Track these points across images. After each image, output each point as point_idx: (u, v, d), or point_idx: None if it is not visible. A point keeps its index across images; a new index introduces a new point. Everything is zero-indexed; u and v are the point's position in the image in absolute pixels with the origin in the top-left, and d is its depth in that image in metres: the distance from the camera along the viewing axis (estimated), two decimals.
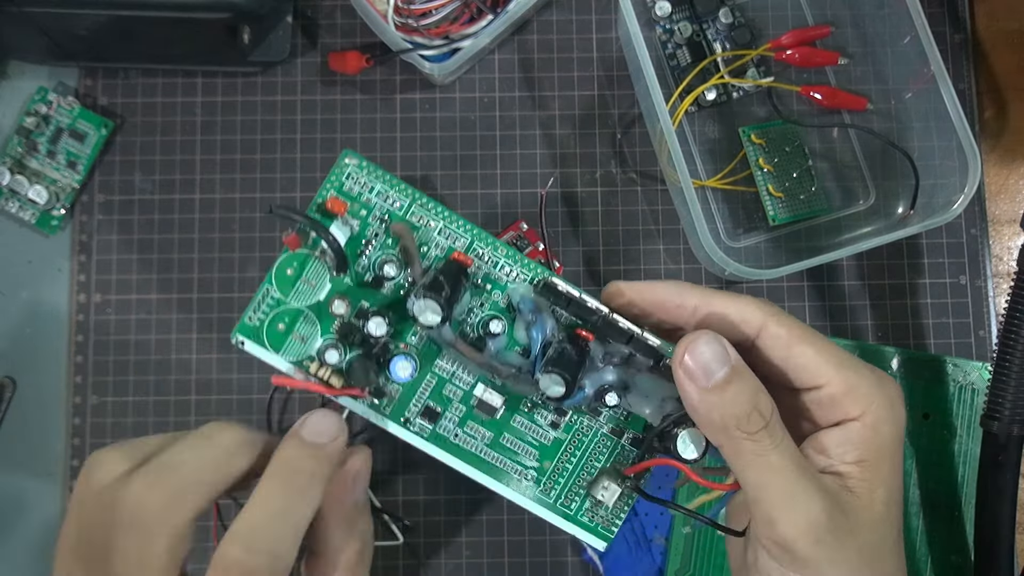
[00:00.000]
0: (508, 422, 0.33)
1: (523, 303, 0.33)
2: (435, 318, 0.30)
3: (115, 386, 0.49)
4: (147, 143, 0.51)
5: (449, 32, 0.49)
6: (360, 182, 0.33)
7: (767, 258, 0.51)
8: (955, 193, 0.45)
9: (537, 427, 0.33)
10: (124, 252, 0.50)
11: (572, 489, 0.34)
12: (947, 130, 0.46)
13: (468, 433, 0.33)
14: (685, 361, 0.29)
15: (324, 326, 0.33)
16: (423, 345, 0.33)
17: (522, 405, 0.33)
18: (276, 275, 0.33)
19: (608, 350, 0.33)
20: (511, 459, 0.33)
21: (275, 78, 0.51)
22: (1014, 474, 0.45)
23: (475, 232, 0.33)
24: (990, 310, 0.51)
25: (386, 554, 0.49)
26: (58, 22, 0.46)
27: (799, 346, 0.30)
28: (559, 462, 0.33)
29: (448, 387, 0.33)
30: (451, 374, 0.33)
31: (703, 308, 0.31)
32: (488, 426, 0.33)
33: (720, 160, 0.51)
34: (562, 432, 0.34)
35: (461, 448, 0.33)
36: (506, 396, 0.33)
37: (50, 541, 0.48)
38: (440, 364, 0.33)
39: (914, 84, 0.48)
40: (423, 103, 0.51)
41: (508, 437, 0.33)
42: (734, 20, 0.52)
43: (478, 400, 0.33)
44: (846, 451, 0.30)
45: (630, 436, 0.34)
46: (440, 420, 0.33)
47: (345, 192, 0.33)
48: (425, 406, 0.33)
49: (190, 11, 0.45)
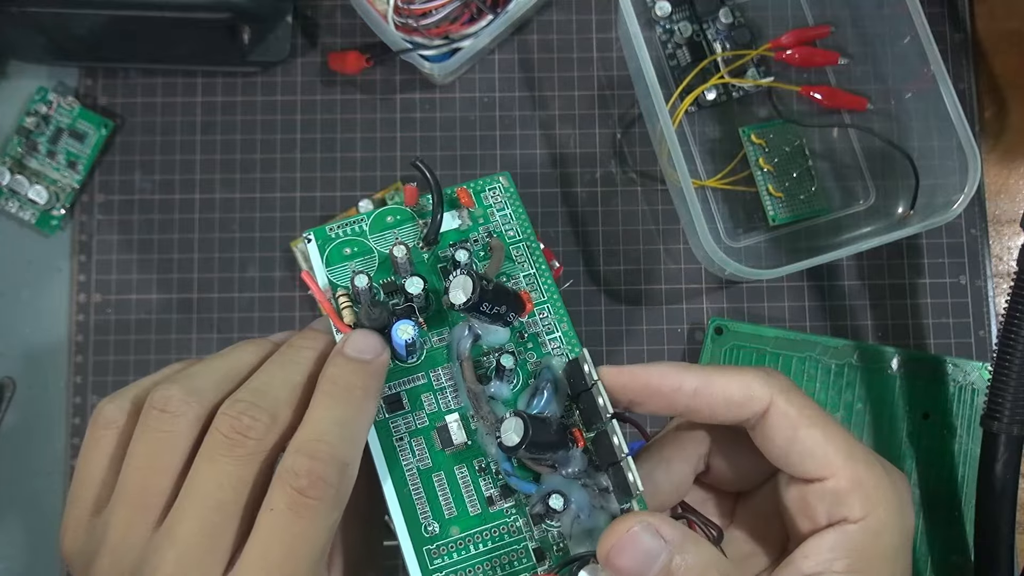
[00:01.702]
0: (451, 465, 0.30)
1: (545, 372, 0.31)
2: (462, 297, 0.29)
3: (115, 386, 0.49)
4: (147, 143, 0.51)
5: (449, 32, 0.49)
6: (497, 200, 0.34)
7: (767, 258, 0.51)
8: (955, 193, 0.45)
9: (473, 490, 0.30)
10: (124, 252, 0.50)
11: (456, 574, 0.29)
12: (947, 130, 0.46)
13: (412, 446, 0.30)
14: (617, 564, 0.25)
15: (376, 276, 0.32)
16: (439, 347, 0.31)
17: (475, 462, 0.30)
18: (376, 215, 0.33)
19: (586, 471, 0.29)
20: (428, 498, 0.30)
21: (275, 78, 0.51)
22: (1014, 474, 0.45)
23: (555, 299, 0.32)
24: (990, 310, 0.51)
25: (386, 554, 0.49)
26: (58, 22, 0.46)
27: (807, 429, 0.27)
28: (466, 538, 0.30)
29: (427, 396, 0.31)
30: (439, 388, 0.31)
31: (703, 390, 0.28)
32: (432, 454, 0.30)
33: (720, 160, 0.51)
34: (491, 513, 0.30)
35: (395, 453, 0.30)
36: (468, 442, 0.30)
37: (51, 540, 0.48)
38: (437, 372, 0.31)
39: (914, 84, 0.48)
40: (423, 103, 0.51)
41: (441, 477, 0.30)
42: (734, 20, 0.52)
43: (444, 425, 0.30)
44: (841, 557, 0.27)
45: (546, 568, 0.30)
46: (397, 415, 0.31)
47: (479, 198, 0.34)
48: (396, 393, 0.31)
49: (190, 11, 0.45)
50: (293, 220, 0.51)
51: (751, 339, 0.49)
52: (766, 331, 0.49)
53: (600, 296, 0.50)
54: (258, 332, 0.50)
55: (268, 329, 0.50)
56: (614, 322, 0.50)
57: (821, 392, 0.49)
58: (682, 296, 0.50)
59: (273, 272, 0.50)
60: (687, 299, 0.50)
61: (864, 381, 0.49)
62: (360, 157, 0.51)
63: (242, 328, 0.50)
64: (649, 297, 0.50)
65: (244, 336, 0.50)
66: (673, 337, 0.50)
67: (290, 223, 0.51)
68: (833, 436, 0.27)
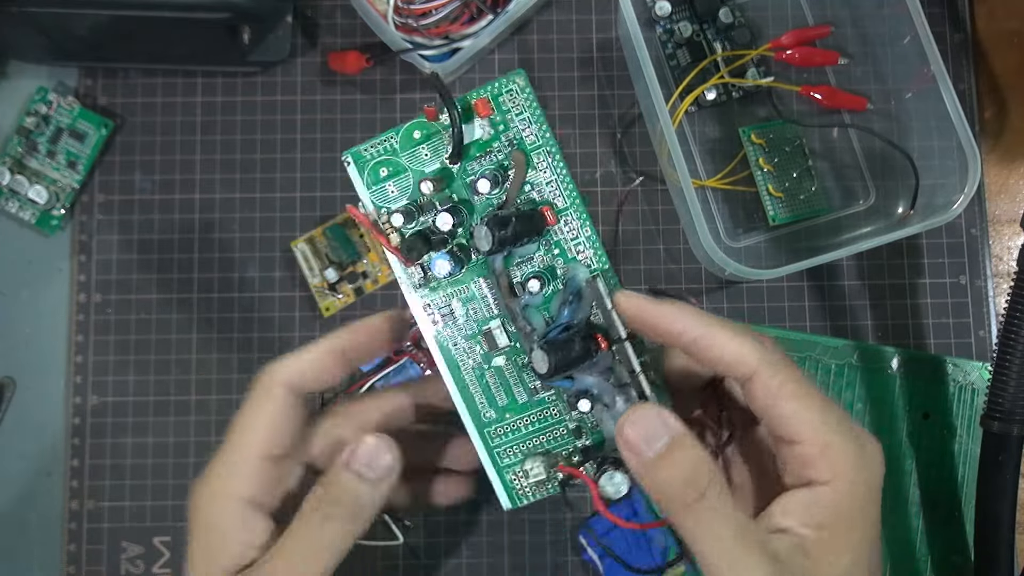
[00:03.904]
0: (500, 363, 0.35)
1: (571, 283, 0.34)
2: (485, 246, 0.32)
3: (115, 386, 0.49)
4: (147, 143, 0.51)
5: (449, 32, 0.49)
6: (515, 102, 0.35)
7: (767, 258, 0.51)
8: (955, 193, 0.45)
9: (520, 383, 0.35)
10: (124, 252, 0.50)
11: (513, 447, 0.36)
12: (947, 130, 0.46)
13: (465, 348, 0.35)
14: (626, 432, 0.30)
15: (413, 193, 0.35)
16: (479, 259, 0.35)
17: (519, 359, 0.35)
18: (404, 132, 0.35)
19: (612, 367, 0.33)
20: (484, 391, 0.35)
21: (275, 78, 0.51)
22: (1014, 474, 0.45)
23: (576, 203, 0.35)
24: (990, 310, 0.51)
25: (386, 554, 0.49)
26: (58, 22, 0.46)
27: (785, 400, 0.30)
28: (518, 420, 0.35)
29: (473, 304, 0.35)
30: (482, 297, 0.35)
31: (701, 341, 0.31)
32: (482, 354, 0.35)
33: (720, 160, 0.51)
34: (535, 400, 0.35)
35: (453, 356, 0.35)
36: (511, 343, 0.35)
37: (50, 541, 0.48)
38: (479, 282, 0.35)
39: (914, 84, 0.48)
40: (423, 103, 0.51)
41: (492, 374, 0.35)
42: (734, 20, 0.52)
43: (488, 330, 0.35)
44: (810, 514, 0.29)
45: (585, 443, 0.35)
46: (450, 324, 0.35)
47: (498, 103, 0.35)
48: (449, 305, 0.35)
49: (190, 11, 0.45)
50: (293, 220, 0.51)
51: None
52: (766, 331, 0.49)
53: None
54: (258, 332, 0.50)
55: (268, 329, 0.50)
56: None
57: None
58: (682, 296, 0.50)
59: (273, 272, 0.50)
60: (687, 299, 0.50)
61: (864, 381, 0.49)
62: None
63: (242, 328, 0.50)
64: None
65: (244, 336, 0.50)
66: None
67: (290, 223, 0.51)
68: (808, 406, 0.30)
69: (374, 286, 0.50)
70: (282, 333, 0.50)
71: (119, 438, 0.49)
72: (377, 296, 0.50)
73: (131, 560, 0.48)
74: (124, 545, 0.48)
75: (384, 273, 0.50)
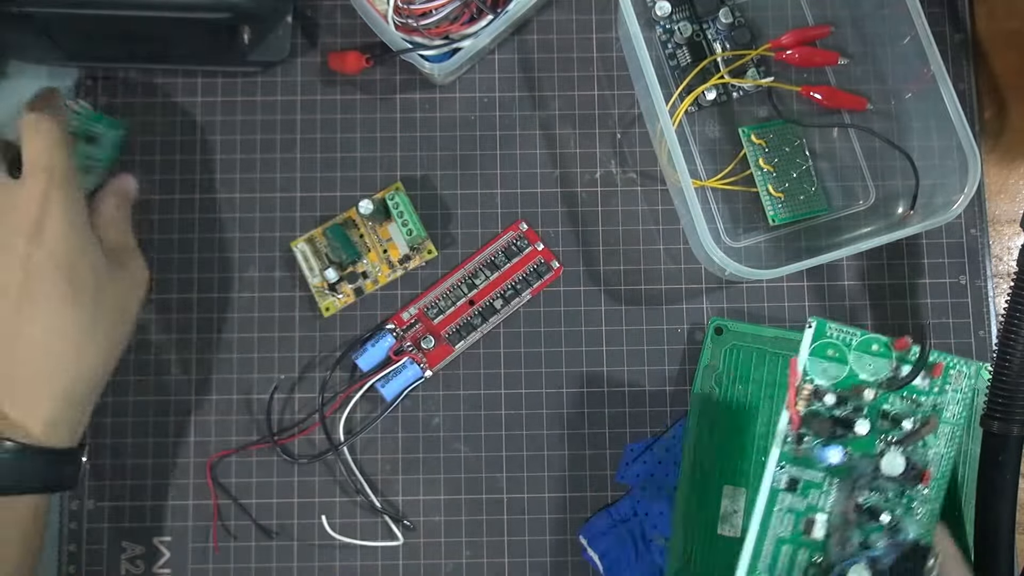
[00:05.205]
0: (799, 545, 0.39)
1: (900, 535, 0.39)
2: (890, 471, 0.38)
3: (115, 386, 0.49)
4: (147, 143, 0.51)
5: (449, 32, 0.49)
6: (958, 383, 0.41)
7: (767, 258, 0.51)
8: (955, 193, 0.45)
9: (802, 572, 0.39)
10: None
11: None
12: (947, 130, 0.46)
13: (783, 516, 0.39)
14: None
15: (839, 384, 0.39)
16: (853, 468, 0.39)
17: (816, 555, 0.39)
18: (863, 341, 0.39)
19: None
20: (772, 557, 0.39)
21: (275, 78, 0.51)
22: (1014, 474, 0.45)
23: (942, 483, 0.40)
24: (990, 310, 0.51)
25: (386, 554, 0.49)
26: (58, 22, 0.46)
27: None
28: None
29: (815, 492, 0.39)
30: (826, 491, 0.39)
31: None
32: (793, 532, 0.39)
33: (720, 160, 0.51)
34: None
35: (771, 513, 0.39)
36: (822, 540, 0.39)
37: (50, 540, 0.48)
38: (832, 481, 0.39)
39: (914, 84, 0.48)
40: (423, 103, 0.51)
41: (788, 550, 0.39)
42: (734, 20, 0.52)
43: (812, 519, 0.39)
44: None
45: None
46: (787, 492, 0.39)
47: (947, 373, 0.40)
48: (797, 479, 0.39)
49: (190, 11, 0.45)
50: (293, 220, 0.51)
51: (751, 339, 0.49)
52: (766, 331, 0.49)
53: (600, 296, 0.50)
54: (258, 332, 0.50)
55: (268, 329, 0.50)
56: (614, 322, 0.50)
57: None
58: (682, 296, 0.50)
59: (273, 272, 0.50)
60: (687, 299, 0.50)
61: None
62: (360, 157, 0.51)
63: (242, 328, 0.50)
64: (649, 297, 0.50)
65: (244, 336, 0.50)
66: (673, 337, 0.50)
67: (290, 223, 0.51)
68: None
69: (374, 286, 0.50)
70: (282, 333, 0.50)
71: (119, 438, 0.49)
72: (377, 296, 0.50)
73: (131, 560, 0.48)
74: (124, 545, 0.48)
75: (384, 273, 0.50)
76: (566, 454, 0.49)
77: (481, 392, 0.50)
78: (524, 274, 0.50)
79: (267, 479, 0.49)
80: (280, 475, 0.49)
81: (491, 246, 0.50)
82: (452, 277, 0.50)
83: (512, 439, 0.49)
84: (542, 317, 0.50)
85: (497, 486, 0.49)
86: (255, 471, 0.49)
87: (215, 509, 0.48)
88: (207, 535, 0.48)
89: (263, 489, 0.49)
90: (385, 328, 0.49)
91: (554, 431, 0.49)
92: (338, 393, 0.49)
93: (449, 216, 0.51)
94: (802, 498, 0.39)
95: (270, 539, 0.49)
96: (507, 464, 0.49)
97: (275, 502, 0.49)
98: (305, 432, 0.49)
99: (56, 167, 0.41)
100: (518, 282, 0.50)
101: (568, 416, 0.50)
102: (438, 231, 0.50)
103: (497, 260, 0.50)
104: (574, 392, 0.50)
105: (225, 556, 0.48)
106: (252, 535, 0.49)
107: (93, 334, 0.42)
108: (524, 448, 0.49)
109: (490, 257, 0.50)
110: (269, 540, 0.49)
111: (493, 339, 0.50)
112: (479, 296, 0.50)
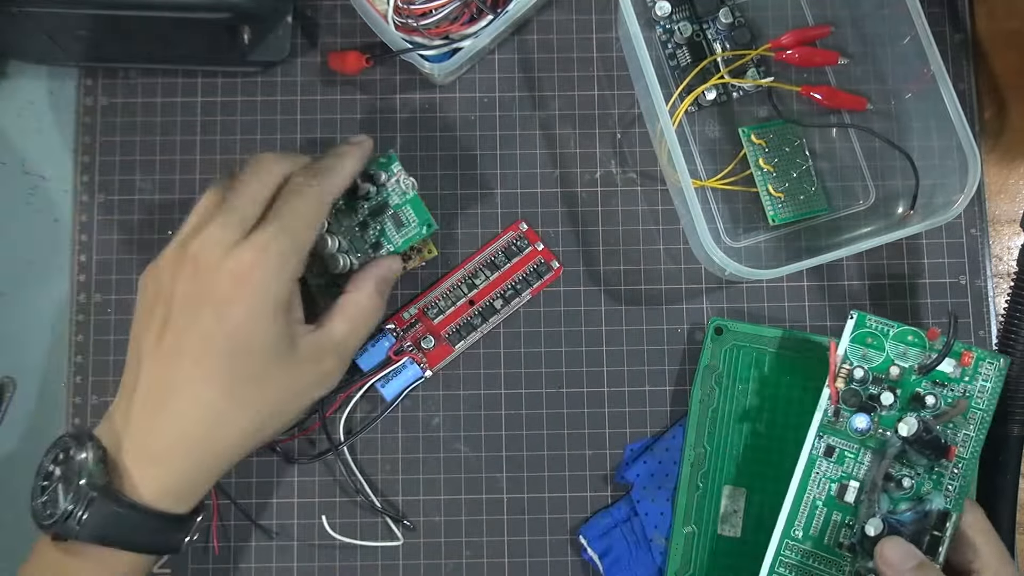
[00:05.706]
0: (833, 507, 0.43)
1: (926, 503, 0.42)
2: (904, 431, 0.41)
3: (115, 386, 0.49)
4: (147, 143, 0.51)
5: (449, 32, 0.49)
6: (986, 373, 0.43)
7: (767, 258, 0.51)
8: (955, 193, 0.45)
9: (833, 531, 0.43)
10: (124, 252, 0.50)
11: (790, 567, 0.43)
12: (947, 130, 0.46)
13: (820, 482, 0.43)
14: (886, 552, 0.39)
15: (877, 367, 0.44)
16: (885, 438, 0.43)
17: (848, 518, 0.43)
18: (901, 331, 0.44)
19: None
20: (807, 517, 0.43)
21: (275, 78, 0.51)
22: (1014, 474, 0.45)
23: (971, 462, 0.43)
24: (990, 310, 0.51)
25: (386, 554, 0.49)
26: (58, 22, 0.46)
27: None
28: (812, 555, 0.43)
29: (850, 458, 0.43)
30: (860, 460, 0.43)
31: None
32: (827, 496, 0.43)
33: (720, 160, 0.51)
34: (833, 551, 0.43)
35: (807, 477, 0.43)
36: (854, 505, 0.43)
37: None
38: (867, 453, 0.43)
39: (914, 84, 0.48)
40: (423, 103, 0.51)
41: (822, 511, 0.43)
42: (734, 20, 0.52)
43: (846, 484, 0.43)
44: None
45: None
46: (825, 459, 0.43)
47: (977, 365, 0.43)
48: (834, 446, 0.43)
49: (190, 11, 0.45)
50: None
51: (751, 339, 0.49)
52: (766, 331, 0.49)
53: (600, 296, 0.50)
54: None
55: None
56: (614, 322, 0.50)
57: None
58: (682, 296, 0.50)
59: None
60: (687, 299, 0.50)
61: None
62: None
63: None
64: (649, 297, 0.50)
65: None
66: (673, 337, 0.50)
67: None
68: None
69: None
70: None
71: None
72: None
73: None
74: None
75: None
76: (566, 454, 0.49)
77: (481, 392, 0.50)
78: (524, 274, 0.50)
79: (267, 479, 0.49)
80: (280, 475, 0.49)
81: (491, 246, 0.50)
82: (452, 277, 0.50)
83: (512, 439, 0.49)
84: (542, 317, 0.50)
85: (497, 486, 0.49)
86: (255, 471, 0.49)
87: (215, 509, 0.48)
88: (207, 535, 0.48)
89: (263, 489, 0.49)
90: (385, 328, 0.49)
91: (554, 431, 0.49)
92: (338, 393, 0.49)
93: (449, 216, 0.51)
94: (838, 465, 0.43)
95: (270, 539, 0.49)
96: (507, 464, 0.49)
97: (275, 502, 0.49)
98: (305, 432, 0.49)
99: (286, 241, 0.39)
100: (518, 282, 0.50)
101: (568, 416, 0.50)
102: (438, 231, 0.50)
103: (497, 260, 0.50)
104: (574, 392, 0.50)
105: (225, 556, 0.48)
106: (252, 535, 0.49)
107: (238, 420, 0.39)
108: (524, 448, 0.49)
109: (490, 257, 0.50)
110: (269, 540, 0.49)
111: (493, 339, 0.50)
112: (479, 296, 0.50)
